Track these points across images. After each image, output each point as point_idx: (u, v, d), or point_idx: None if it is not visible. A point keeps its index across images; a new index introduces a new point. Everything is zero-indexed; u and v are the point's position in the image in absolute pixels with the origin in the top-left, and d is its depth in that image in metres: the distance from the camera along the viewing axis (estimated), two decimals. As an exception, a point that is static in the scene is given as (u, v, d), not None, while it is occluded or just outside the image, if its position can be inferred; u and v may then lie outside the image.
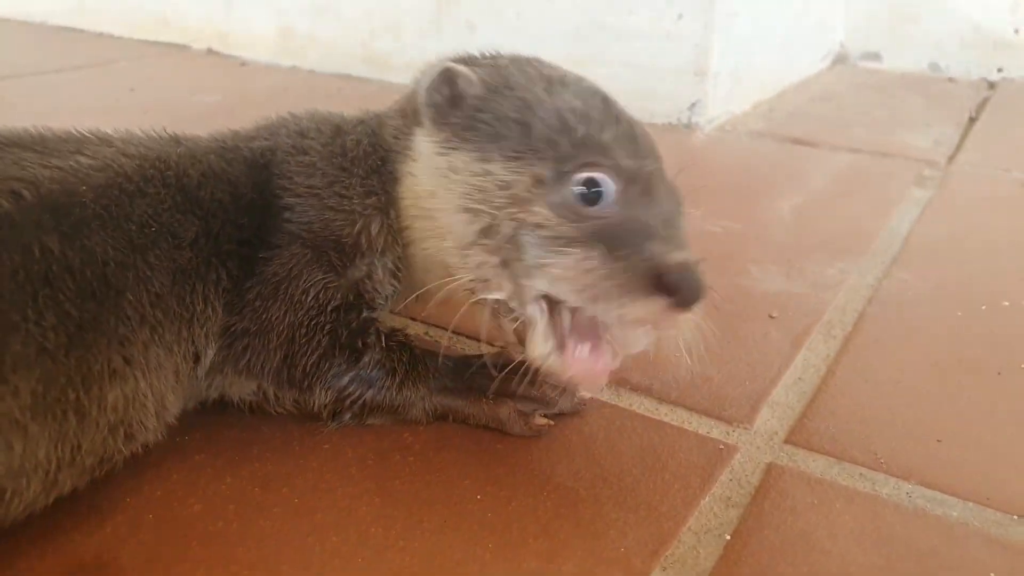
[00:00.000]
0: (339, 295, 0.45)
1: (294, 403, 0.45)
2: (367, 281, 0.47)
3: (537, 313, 0.40)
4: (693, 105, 1.15)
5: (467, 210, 0.43)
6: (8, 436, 0.34)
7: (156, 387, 0.40)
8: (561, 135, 0.42)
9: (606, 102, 0.45)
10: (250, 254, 0.45)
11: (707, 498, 0.43)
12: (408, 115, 0.48)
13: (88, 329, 0.37)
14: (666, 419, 0.49)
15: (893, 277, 0.69)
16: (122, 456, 0.40)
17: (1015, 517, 0.42)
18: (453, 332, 0.58)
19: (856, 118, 1.22)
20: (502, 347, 0.54)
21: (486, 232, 0.42)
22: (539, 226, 0.40)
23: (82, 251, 0.38)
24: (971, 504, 0.43)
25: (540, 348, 0.40)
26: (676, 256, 0.39)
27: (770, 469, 0.45)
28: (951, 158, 1.03)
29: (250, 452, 0.44)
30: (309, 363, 0.44)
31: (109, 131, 0.47)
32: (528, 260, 0.40)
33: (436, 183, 0.45)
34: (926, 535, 0.41)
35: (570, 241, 0.40)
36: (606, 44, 1.19)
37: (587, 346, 0.40)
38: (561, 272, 0.39)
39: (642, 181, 0.42)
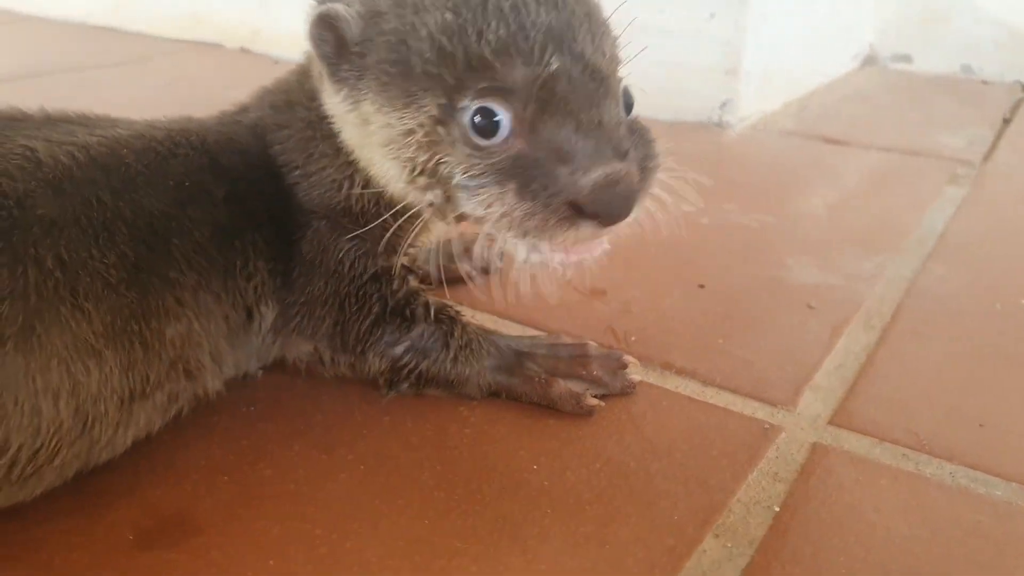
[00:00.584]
0: (374, 261, 0.47)
1: (349, 367, 0.48)
2: (391, 239, 0.47)
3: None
4: (724, 104, 1.16)
5: (391, 158, 0.42)
6: (86, 360, 0.38)
7: (209, 330, 0.44)
8: (440, 66, 0.38)
9: None
10: (283, 229, 0.47)
11: (754, 473, 0.44)
12: (315, 73, 0.47)
13: (143, 269, 0.41)
14: (711, 400, 0.51)
15: (929, 271, 0.70)
16: (187, 397, 0.43)
17: (1058, 496, 0.43)
18: (499, 316, 0.60)
19: (887, 118, 1.22)
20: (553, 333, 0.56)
21: (415, 175, 0.41)
22: (454, 167, 0.39)
23: (131, 203, 0.42)
24: (1015, 484, 0.44)
25: (520, 257, 0.40)
26: (589, 177, 0.37)
27: (815, 448, 0.47)
28: (986, 157, 1.04)
29: (313, 420, 0.46)
30: (362, 329, 0.47)
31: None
32: (459, 199, 0.40)
33: (358, 138, 0.45)
34: (971, 512, 0.42)
35: (483, 179, 0.38)
36: (637, 41, 1.20)
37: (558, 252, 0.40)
38: (483, 212, 0.39)
39: (542, 92, 0.38)
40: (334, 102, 0.44)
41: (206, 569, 0.37)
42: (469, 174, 0.39)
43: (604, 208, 0.37)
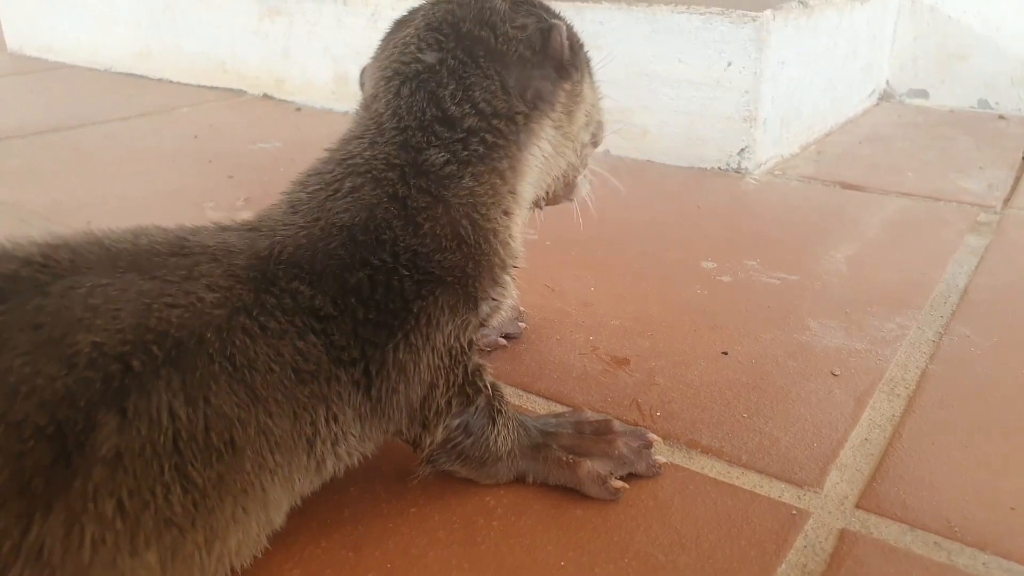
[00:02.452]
0: (472, 330, 0.47)
1: (413, 437, 0.46)
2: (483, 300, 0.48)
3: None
4: (742, 150, 1.17)
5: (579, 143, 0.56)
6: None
7: (271, 520, 0.40)
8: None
9: None
10: (375, 332, 0.43)
11: (783, 565, 0.44)
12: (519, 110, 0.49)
13: (211, 493, 0.36)
14: (737, 483, 0.51)
15: (953, 332, 0.70)
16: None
17: (1095, 591, 0.42)
18: (523, 390, 0.61)
19: (906, 160, 1.22)
20: (575, 408, 0.56)
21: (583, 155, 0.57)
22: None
23: (207, 412, 0.36)
24: (1049, 577, 0.43)
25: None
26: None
27: (843, 535, 0.46)
28: (1006, 202, 1.03)
29: (341, 515, 0.47)
30: (442, 403, 0.45)
31: (200, 228, 0.44)
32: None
33: (562, 136, 0.53)
34: (1008, 609, 0.41)
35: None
36: (656, 92, 1.21)
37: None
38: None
39: None
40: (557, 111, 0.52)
41: (239, 674, 0.37)
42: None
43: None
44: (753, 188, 1.11)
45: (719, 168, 1.18)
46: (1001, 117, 1.49)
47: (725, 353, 0.67)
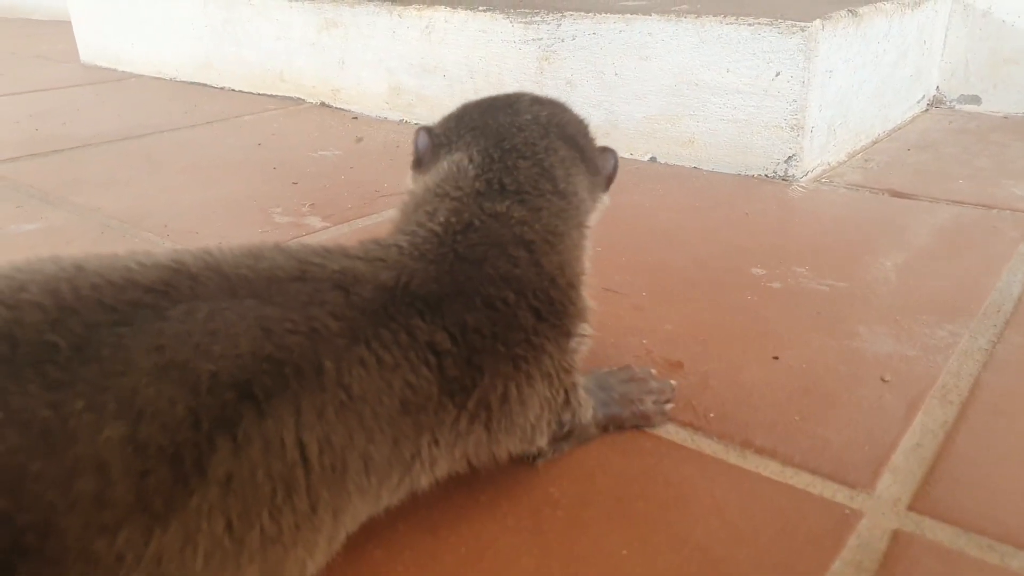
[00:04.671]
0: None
1: (520, 454, 0.51)
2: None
3: None
4: (789, 158, 1.18)
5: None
6: None
7: (353, 527, 0.42)
8: None
9: None
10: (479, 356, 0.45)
11: (837, 562, 0.46)
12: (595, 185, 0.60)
13: (314, 514, 0.38)
14: (791, 482, 0.53)
15: (1008, 341, 0.71)
16: None
17: None
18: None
19: (956, 168, 1.22)
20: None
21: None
22: None
23: (319, 440, 0.37)
24: (1100, 578, 0.44)
25: None
26: None
27: (896, 536, 0.48)
28: (1061, 211, 1.03)
29: (416, 502, 0.50)
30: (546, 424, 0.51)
31: (319, 249, 0.45)
32: None
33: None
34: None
35: None
36: (704, 100, 1.23)
37: None
38: None
39: None
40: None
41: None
42: None
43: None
44: (800, 196, 1.12)
45: (766, 176, 1.20)
46: (1056, 123, 1.47)
47: (776, 358, 0.69)
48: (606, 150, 0.62)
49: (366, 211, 1.07)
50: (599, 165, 0.62)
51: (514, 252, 0.49)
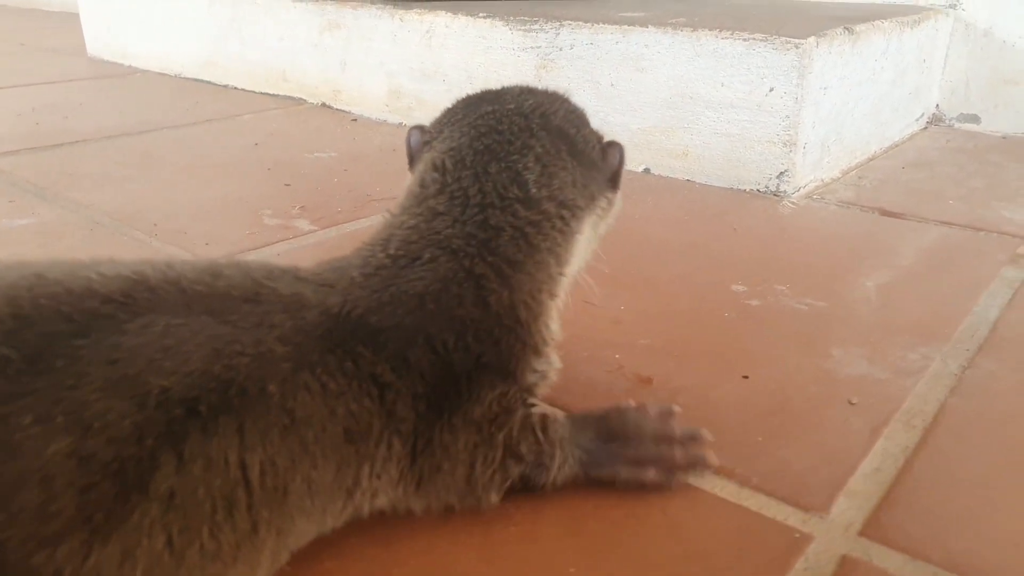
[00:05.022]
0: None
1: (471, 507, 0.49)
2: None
3: None
4: (782, 174, 1.18)
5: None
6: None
7: (297, 546, 0.44)
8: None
9: None
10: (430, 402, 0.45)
11: (782, 586, 0.47)
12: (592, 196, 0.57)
13: (255, 533, 0.38)
14: (746, 504, 0.53)
15: (978, 367, 0.71)
16: None
17: (1085, 628, 0.44)
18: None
19: (949, 188, 1.22)
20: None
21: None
22: None
23: (261, 460, 0.38)
24: (1042, 611, 0.45)
25: None
26: None
27: (844, 561, 0.49)
28: (1049, 235, 1.03)
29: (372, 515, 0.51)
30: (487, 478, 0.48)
31: (277, 274, 0.46)
32: None
33: (586, 241, 0.57)
34: (995, 638, 0.43)
35: None
36: (698, 113, 1.24)
37: None
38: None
39: None
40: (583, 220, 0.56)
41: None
42: None
43: None
44: (790, 212, 1.12)
45: (757, 190, 1.20)
46: (1055, 145, 1.47)
47: (746, 377, 0.69)
48: (612, 144, 0.58)
49: (356, 215, 1.08)
50: (596, 158, 0.56)
51: (458, 290, 0.48)
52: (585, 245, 0.58)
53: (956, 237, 1.03)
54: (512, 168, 0.52)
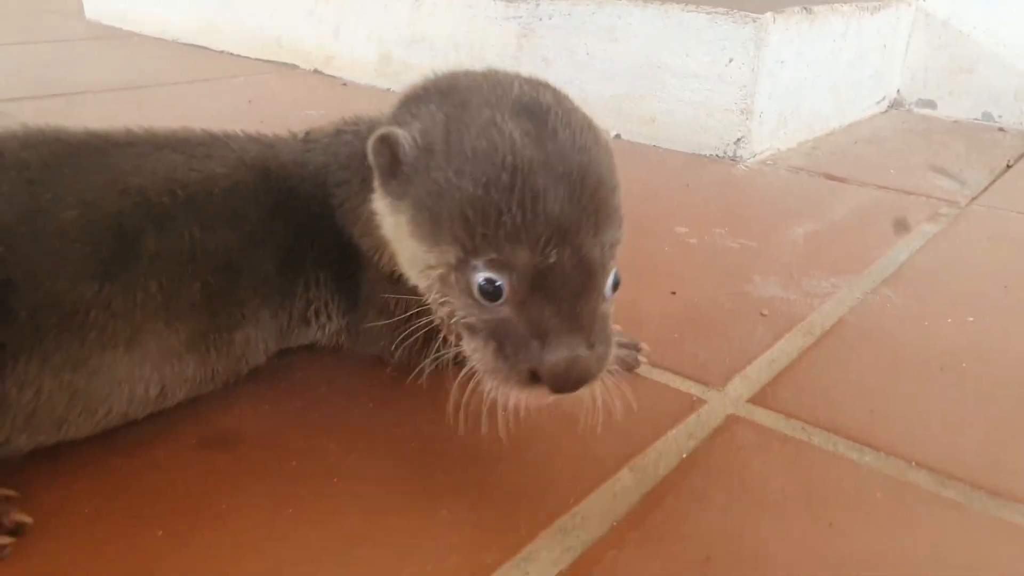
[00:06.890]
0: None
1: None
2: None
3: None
4: (739, 140, 1.28)
5: (412, 266, 0.49)
6: (172, 361, 0.51)
7: (264, 335, 0.56)
8: (462, 231, 0.43)
9: (518, 174, 0.43)
10: (345, 267, 0.57)
11: (674, 430, 0.56)
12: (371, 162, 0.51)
13: (219, 294, 0.52)
14: (655, 378, 0.63)
15: (879, 293, 0.80)
16: (243, 373, 0.56)
17: (913, 464, 0.53)
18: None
19: (893, 160, 1.31)
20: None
21: (429, 290, 0.48)
22: (456, 310, 0.45)
23: (215, 239, 0.51)
24: (882, 454, 0.54)
25: (486, 388, 0.45)
26: (554, 356, 0.42)
27: (729, 418, 0.58)
28: (973, 200, 1.12)
29: (341, 368, 0.60)
30: (414, 350, 0.55)
31: (231, 133, 0.60)
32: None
33: (393, 235, 0.50)
34: (847, 477, 0.52)
35: (473, 331, 0.45)
36: (665, 82, 1.33)
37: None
38: (468, 353, 0.45)
39: (537, 277, 0.43)
40: (379, 201, 0.50)
41: (248, 466, 0.51)
42: (466, 321, 0.45)
43: (557, 383, 0.42)
44: (743, 174, 1.22)
45: (716, 155, 1.29)
46: (1001, 129, 1.57)
47: (674, 293, 0.78)
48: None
49: (340, 161, 1.17)
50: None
51: (337, 169, 0.57)
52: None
53: (888, 199, 1.12)
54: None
